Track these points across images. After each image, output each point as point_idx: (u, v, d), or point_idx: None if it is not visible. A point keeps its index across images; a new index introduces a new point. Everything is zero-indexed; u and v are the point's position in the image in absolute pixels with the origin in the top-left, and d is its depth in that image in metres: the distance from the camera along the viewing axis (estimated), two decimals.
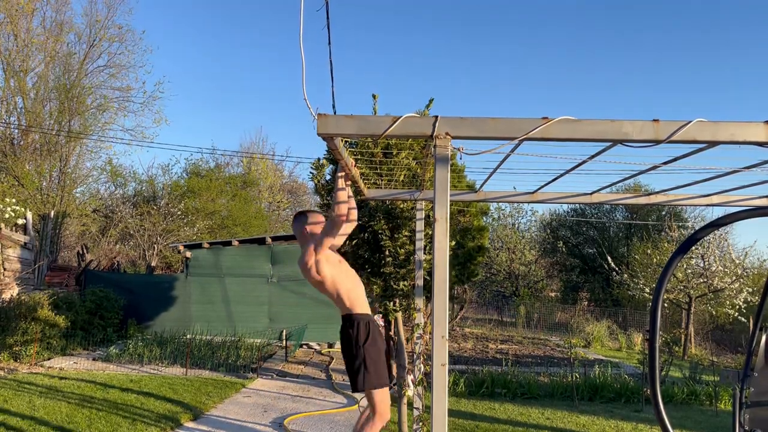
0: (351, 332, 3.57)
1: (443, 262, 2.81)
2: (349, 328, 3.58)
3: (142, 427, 6.19)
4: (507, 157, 3.87)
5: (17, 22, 19.56)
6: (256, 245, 14.27)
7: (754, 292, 15.98)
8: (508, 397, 8.65)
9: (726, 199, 5.41)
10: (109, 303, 12.42)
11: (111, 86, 22.27)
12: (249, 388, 8.55)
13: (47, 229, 18.88)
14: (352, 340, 3.55)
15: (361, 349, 3.51)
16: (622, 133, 2.86)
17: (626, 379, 9.49)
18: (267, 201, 32.01)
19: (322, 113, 2.91)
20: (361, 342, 3.52)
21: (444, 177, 2.82)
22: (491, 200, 5.86)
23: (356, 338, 3.54)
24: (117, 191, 24.94)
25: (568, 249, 28.24)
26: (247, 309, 13.70)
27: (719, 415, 8.08)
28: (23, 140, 19.97)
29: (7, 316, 10.19)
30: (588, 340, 16.75)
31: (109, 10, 22.25)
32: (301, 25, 3.01)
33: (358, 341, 3.53)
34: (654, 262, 17.83)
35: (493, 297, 26.27)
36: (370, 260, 7.04)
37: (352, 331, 3.56)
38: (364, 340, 3.52)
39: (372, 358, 3.51)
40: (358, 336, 3.53)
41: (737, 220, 2.36)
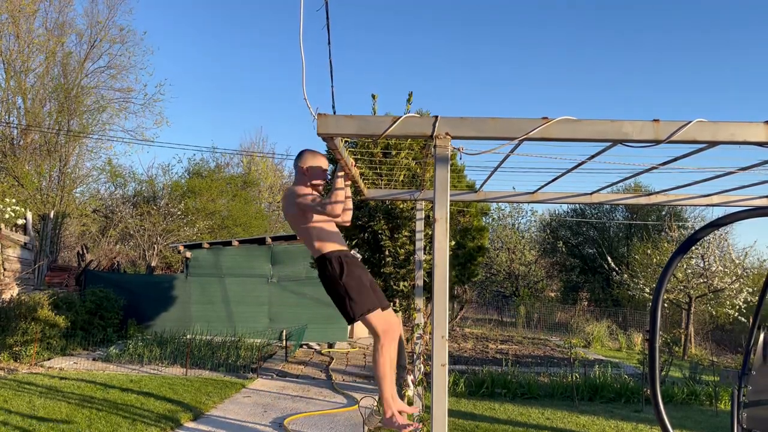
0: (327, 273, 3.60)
1: (443, 262, 2.81)
2: (324, 270, 3.62)
3: (142, 427, 6.19)
4: (507, 157, 3.88)
5: (19, 23, 19.57)
6: (256, 245, 14.27)
7: (754, 292, 15.97)
8: (508, 397, 8.65)
9: (726, 199, 5.42)
10: (109, 303, 12.42)
11: (111, 87, 22.29)
12: (249, 388, 8.55)
13: (47, 229, 18.88)
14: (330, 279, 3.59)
15: (340, 283, 3.54)
16: (622, 133, 2.86)
17: (626, 379, 9.49)
18: (267, 201, 32.02)
19: (322, 113, 2.92)
20: (337, 277, 3.55)
21: (444, 177, 2.83)
22: (491, 200, 5.87)
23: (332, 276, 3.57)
24: (117, 191, 24.95)
25: (568, 249, 28.24)
26: (247, 309, 13.70)
27: (719, 415, 8.08)
28: (23, 140, 19.97)
29: (7, 316, 10.19)
30: (588, 340, 16.74)
31: (110, 11, 22.27)
32: (300, 25, 3.02)
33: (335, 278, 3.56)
34: (654, 262, 17.83)
35: (493, 297, 26.27)
36: (370, 260, 7.05)
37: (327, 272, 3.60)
38: (340, 274, 3.55)
39: (353, 288, 3.55)
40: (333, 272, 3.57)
41: (737, 220, 2.37)
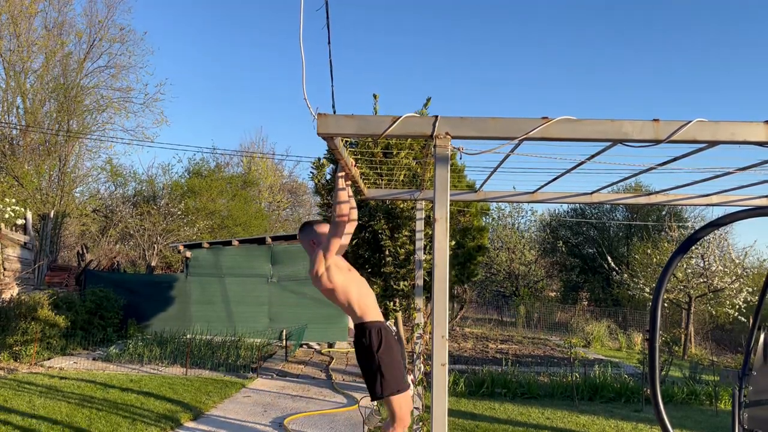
0: (364, 341, 3.57)
1: (443, 262, 2.81)
2: (362, 337, 3.58)
3: (142, 426, 6.19)
4: (507, 157, 3.87)
5: (19, 23, 19.57)
6: (256, 245, 14.27)
7: (754, 292, 15.98)
8: (508, 397, 8.65)
9: (726, 198, 5.42)
10: (109, 303, 12.42)
11: (111, 86, 22.31)
12: (249, 388, 8.55)
13: (47, 229, 18.88)
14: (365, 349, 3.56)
15: (375, 356, 3.50)
16: (622, 133, 2.86)
17: (626, 378, 9.49)
18: (267, 201, 32.02)
19: (322, 113, 2.91)
20: (374, 349, 3.51)
21: (444, 177, 2.83)
22: (491, 200, 5.87)
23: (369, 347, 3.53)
24: (117, 191, 24.95)
25: (568, 249, 28.24)
26: (247, 309, 13.70)
27: (719, 415, 8.08)
28: (23, 140, 19.97)
29: (7, 315, 10.19)
30: (588, 340, 16.75)
31: (108, 10, 22.29)
32: (300, 25, 3.01)
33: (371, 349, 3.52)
34: (654, 262, 17.83)
35: (493, 297, 26.27)
36: (370, 260, 7.05)
37: (365, 340, 3.56)
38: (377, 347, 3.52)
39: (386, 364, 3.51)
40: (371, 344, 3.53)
41: (737, 219, 2.37)
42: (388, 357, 3.53)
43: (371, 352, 3.52)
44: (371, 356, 3.52)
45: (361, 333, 3.59)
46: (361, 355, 3.59)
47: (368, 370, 3.56)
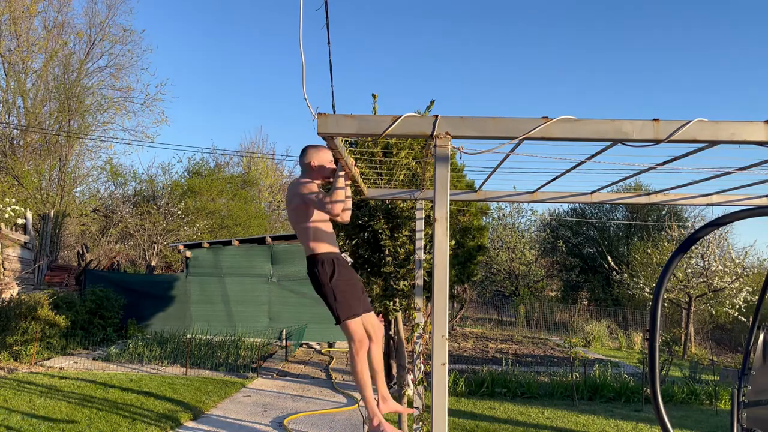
0: (316, 272, 3.64)
1: (443, 262, 2.82)
2: (314, 267, 3.65)
3: (142, 426, 6.19)
4: (507, 156, 3.87)
5: (19, 23, 19.58)
6: (256, 245, 14.27)
7: (753, 292, 15.98)
8: (508, 397, 8.65)
9: (726, 198, 5.41)
10: (109, 303, 12.42)
11: (112, 86, 22.31)
12: (249, 388, 8.56)
13: (47, 229, 18.87)
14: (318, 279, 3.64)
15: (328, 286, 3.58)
16: (622, 133, 2.86)
17: (626, 378, 9.49)
18: (267, 200, 32.01)
19: (322, 113, 2.92)
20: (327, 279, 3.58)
21: (444, 176, 2.83)
22: (491, 200, 5.87)
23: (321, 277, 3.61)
24: (117, 191, 24.95)
25: (568, 248, 28.24)
26: (247, 309, 13.70)
27: (719, 415, 8.08)
28: (23, 140, 19.98)
29: (7, 315, 10.19)
30: (588, 340, 16.75)
31: (109, 10, 22.29)
32: (300, 25, 3.02)
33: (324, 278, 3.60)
34: (654, 262, 17.84)
35: (493, 296, 26.26)
36: (370, 260, 7.04)
37: (317, 271, 3.63)
38: (330, 276, 3.59)
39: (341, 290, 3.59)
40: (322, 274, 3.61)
41: (737, 219, 2.36)
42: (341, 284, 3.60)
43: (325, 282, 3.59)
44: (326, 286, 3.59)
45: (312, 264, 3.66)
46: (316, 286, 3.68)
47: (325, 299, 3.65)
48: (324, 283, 3.58)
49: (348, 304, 3.58)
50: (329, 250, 3.69)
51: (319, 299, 3.84)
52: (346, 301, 3.58)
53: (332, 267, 3.61)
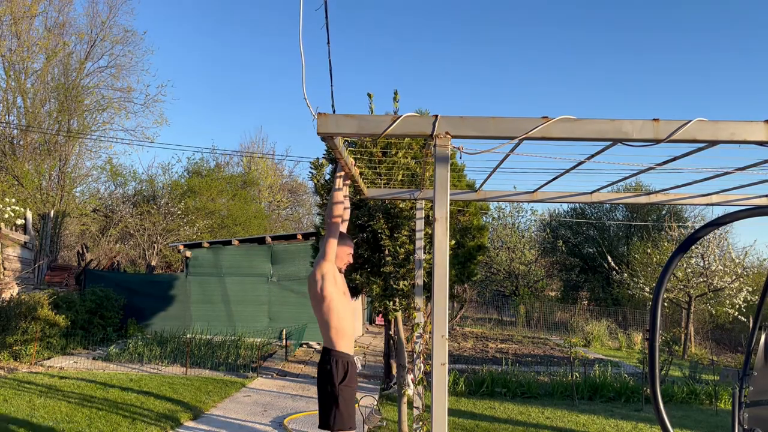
0: (328, 368, 3.56)
1: (443, 262, 2.81)
2: (327, 363, 3.57)
3: (142, 426, 6.19)
4: (507, 156, 3.87)
5: (20, 23, 19.58)
6: (256, 245, 14.27)
7: (753, 292, 15.98)
8: (508, 397, 8.65)
9: (726, 198, 5.41)
10: (109, 302, 12.42)
11: (112, 86, 22.31)
12: (249, 388, 8.55)
13: (47, 229, 18.87)
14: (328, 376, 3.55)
15: (336, 387, 3.50)
16: (622, 133, 2.86)
17: (626, 378, 9.49)
18: (267, 200, 32.00)
19: (322, 113, 2.91)
20: (337, 381, 3.51)
21: (444, 176, 2.82)
22: (491, 200, 5.86)
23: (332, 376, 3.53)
24: (117, 191, 24.96)
25: (568, 248, 28.24)
26: (247, 308, 13.71)
27: (719, 414, 8.08)
28: (23, 140, 19.98)
29: (7, 315, 10.19)
30: (588, 340, 16.75)
31: (110, 10, 22.29)
32: (300, 24, 3.01)
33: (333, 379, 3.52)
34: (654, 262, 17.83)
35: (493, 296, 26.25)
36: (369, 260, 7.03)
37: (328, 367, 3.56)
38: (341, 379, 3.51)
39: (344, 399, 3.50)
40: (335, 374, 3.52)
41: (737, 219, 2.36)
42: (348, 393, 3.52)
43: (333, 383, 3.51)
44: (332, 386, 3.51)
45: (327, 359, 3.59)
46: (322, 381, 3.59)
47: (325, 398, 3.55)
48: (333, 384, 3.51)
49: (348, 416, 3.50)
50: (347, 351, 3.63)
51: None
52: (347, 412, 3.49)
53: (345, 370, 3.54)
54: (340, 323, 3.61)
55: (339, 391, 3.49)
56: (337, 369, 3.53)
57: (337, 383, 3.50)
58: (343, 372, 3.53)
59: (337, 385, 3.50)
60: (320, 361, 3.65)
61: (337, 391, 3.49)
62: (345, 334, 3.64)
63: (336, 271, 3.72)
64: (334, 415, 3.48)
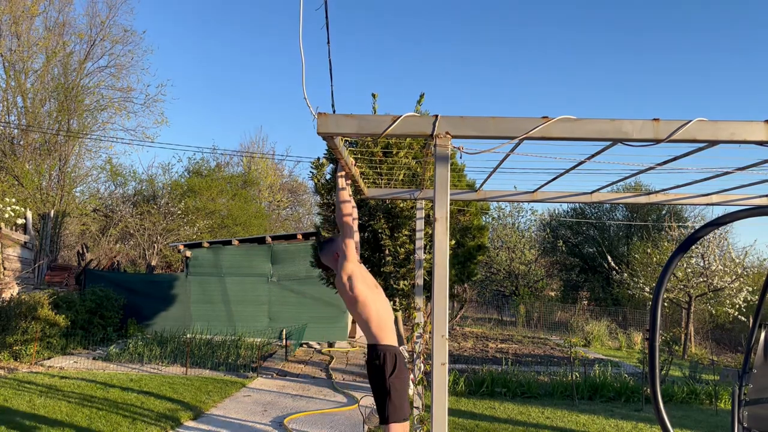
0: (377, 363, 3.57)
1: (443, 262, 2.82)
2: (375, 359, 3.59)
3: (143, 426, 6.19)
4: (507, 156, 3.87)
5: (20, 23, 19.58)
6: (256, 244, 14.27)
7: (754, 291, 15.98)
8: (508, 396, 8.65)
9: (726, 198, 5.41)
10: (109, 302, 12.43)
11: (112, 86, 22.31)
12: (249, 387, 8.56)
13: (47, 229, 18.87)
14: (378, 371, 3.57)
15: (387, 381, 3.52)
16: (622, 132, 2.86)
17: (626, 378, 9.49)
18: (267, 200, 32.00)
19: (322, 113, 2.92)
20: (387, 374, 3.53)
21: (444, 176, 2.83)
22: (491, 199, 5.87)
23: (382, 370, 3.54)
24: (117, 190, 24.96)
25: (568, 248, 28.22)
26: (247, 308, 13.71)
27: (719, 414, 8.08)
28: (23, 139, 19.98)
29: (7, 315, 10.19)
30: (588, 340, 16.74)
31: (110, 10, 22.29)
32: (300, 25, 3.02)
33: (384, 373, 3.53)
34: (654, 261, 17.83)
35: (493, 296, 26.24)
36: (370, 259, 7.04)
37: (378, 362, 3.57)
38: (391, 372, 3.53)
39: (396, 390, 3.53)
40: (384, 368, 3.54)
41: (737, 219, 2.37)
42: (399, 383, 3.54)
43: (383, 376, 3.53)
44: (383, 380, 3.53)
45: (374, 355, 3.60)
46: (373, 377, 3.61)
47: (379, 392, 3.58)
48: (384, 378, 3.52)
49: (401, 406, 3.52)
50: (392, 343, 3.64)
51: (319, 299, 3.83)
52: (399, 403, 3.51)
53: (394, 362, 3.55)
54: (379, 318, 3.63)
55: (390, 383, 3.51)
56: (386, 363, 3.54)
57: (387, 375, 3.52)
58: (392, 364, 3.55)
59: (388, 378, 3.52)
60: (368, 358, 3.67)
61: (388, 384, 3.51)
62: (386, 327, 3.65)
63: (362, 269, 3.71)
64: (389, 408, 3.50)
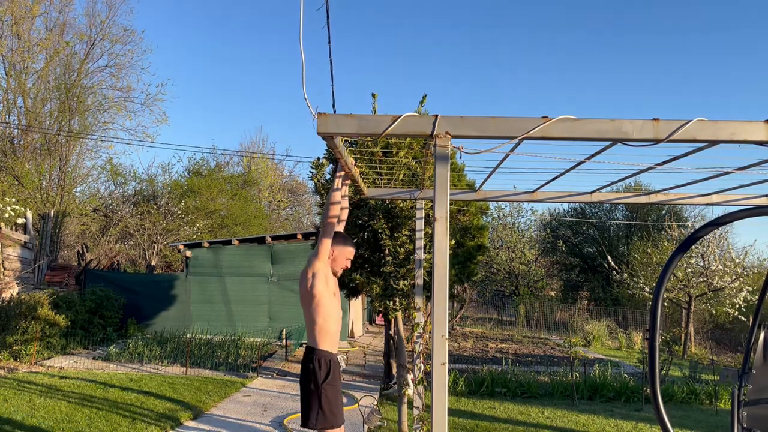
0: (311, 366, 3.55)
1: (443, 262, 2.81)
2: (310, 362, 3.57)
3: (142, 426, 6.19)
4: (507, 156, 3.87)
5: (21, 24, 19.58)
6: (256, 244, 14.28)
7: (753, 291, 15.98)
8: (508, 396, 8.66)
9: (726, 198, 5.41)
10: (109, 302, 12.43)
11: (112, 86, 22.31)
12: (249, 387, 8.56)
13: (47, 229, 18.87)
14: (311, 374, 3.55)
15: (320, 387, 3.50)
16: (622, 132, 2.86)
17: (626, 378, 9.49)
18: (267, 200, 32.00)
19: (322, 112, 2.91)
20: (320, 380, 3.51)
21: (444, 176, 2.83)
22: (491, 199, 5.86)
23: (314, 374, 3.53)
24: (117, 190, 24.95)
25: (568, 248, 28.24)
26: (247, 308, 13.71)
27: (719, 414, 8.08)
28: (23, 139, 19.98)
29: (7, 315, 10.19)
30: (588, 339, 16.75)
31: (110, 10, 22.30)
32: (300, 25, 3.01)
33: (316, 378, 3.51)
34: (654, 261, 17.83)
35: (493, 296, 26.25)
36: (369, 259, 7.04)
37: (311, 366, 3.55)
38: (324, 379, 3.51)
39: (328, 398, 3.50)
40: (317, 372, 3.52)
41: (737, 219, 2.37)
42: (331, 391, 3.52)
43: (316, 381, 3.51)
44: (315, 385, 3.51)
45: (310, 357, 3.59)
46: (305, 380, 3.59)
47: (307, 397, 3.55)
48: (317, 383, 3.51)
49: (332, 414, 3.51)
50: (330, 350, 3.63)
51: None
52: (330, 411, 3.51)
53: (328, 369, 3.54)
54: (325, 323, 3.62)
55: (322, 389, 3.50)
56: (320, 367, 3.53)
57: (320, 382, 3.51)
58: (326, 370, 3.53)
59: (320, 384, 3.50)
60: (303, 360, 3.66)
61: (320, 390, 3.50)
62: (329, 334, 3.64)
63: (328, 271, 3.70)
64: (317, 414, 3.49)
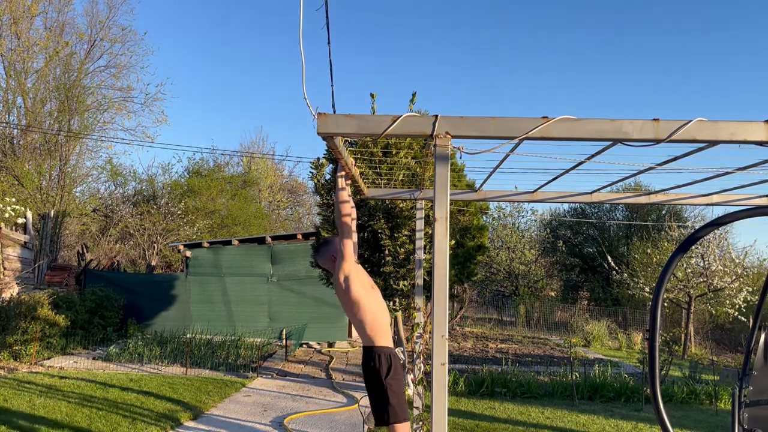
0: (372, 365, 3.57)
1: (443, 262, 2.81)
2: (371, 361, 3.58)
3: (142, 426, 6.19)
4: (507, 156, 3.87)
5: (20, 23, 19.58)
6: (256, 244, 14.27)
7: (753, 292, 15.98)
8: (508, 397, 8.65)
9: (726, 198, 5.41)
10: (109, 302, 12.42)
11: (112, 86, 22.30)
12: (249, 387, 8.55)
13: (47, 229, 18.86)
14: (374, 373, 3.57)
15: (383, 383, 3.52)
16: (622, 133, 2.86)
17: (626, 378, 9.49)
18: (267, 200, 32.00)
19: (322, 113, 2.91)
20: (383, 376, 3.53)
21: (444, 176, 2.83)
22: (491, 199, 5.87)
23: (377, 372, 3.54)
24: (117, 190, 24.95)
25: (568, 248, 28.22)
26: (247, 308, 13.70)
27: (719, 414, 8.08)
28: (23, 139, 19.98)
29: (7, 315, 10.19)
30: (588, 340, 16.74)
31: (110, 10, 22.29)
32: (300, 25, 3.01)
33: (380, 375, 3.53)
34: (654, 262, 17.83)
35: (493, 296, 26.24)
36: (369, 259, 7.04)
37: (373, 365, 3.57)
38: (386, 374, 3.53)
39: (395, 392, 3.53)
40: (380, 369, 3.54)
41: (737, 219, 2.36)
42: (396, 384, 3.54)
43: (379, 378, 3.53)
44: (379, 382, 3.53)
45: (369, 356, 3.60)
46: (369, 379, 3.61)
47: (375, 395, 3.57)
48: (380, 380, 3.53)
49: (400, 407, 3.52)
50: (387, 344, 3.64)
51: (319, 299, 3.82)
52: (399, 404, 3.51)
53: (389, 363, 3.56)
54: (374, 319, 3.62)
55: (387, 385, 3.51)
56: (380, 364, 3.54)
57: (383, 377, 3.52)
58: (387, 365, 3.55)
59: (384, 380, 3.52)
60: (363, 360, 3.66)
61: (385, 386, 3.51)
62: (381, 329, 3.65)
63: (359, 269, 3.70)
64: (388, 410, 3.50)
